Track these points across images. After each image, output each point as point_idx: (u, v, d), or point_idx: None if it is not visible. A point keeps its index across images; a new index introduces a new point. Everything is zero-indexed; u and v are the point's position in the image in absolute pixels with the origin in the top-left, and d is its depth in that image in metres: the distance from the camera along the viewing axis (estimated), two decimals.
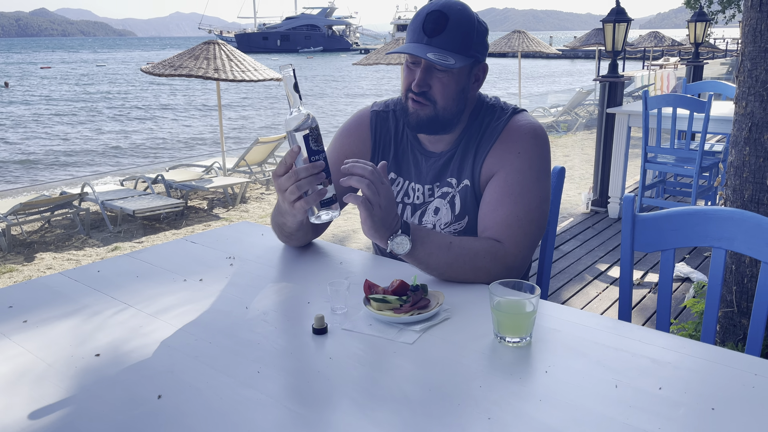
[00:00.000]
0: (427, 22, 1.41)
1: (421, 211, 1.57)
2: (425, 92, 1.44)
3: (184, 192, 7.31)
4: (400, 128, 1.61)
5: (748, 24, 2.05)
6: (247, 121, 17.72)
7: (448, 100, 1.45)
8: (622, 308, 1.57)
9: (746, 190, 2.11)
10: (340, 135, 1.65)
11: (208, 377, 1.01)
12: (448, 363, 1.06)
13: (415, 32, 1.44)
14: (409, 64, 1.47)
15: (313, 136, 1.23)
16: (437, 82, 1.44)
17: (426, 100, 1.45)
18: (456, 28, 1.41)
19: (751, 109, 2.06)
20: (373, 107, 1.66)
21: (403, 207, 1.58)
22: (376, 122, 1.63)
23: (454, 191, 1.53)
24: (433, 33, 1.41)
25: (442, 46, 1.41)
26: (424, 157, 1.57)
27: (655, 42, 15.35)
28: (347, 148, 1.63)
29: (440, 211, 1.54)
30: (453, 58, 1.40)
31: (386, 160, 1.60)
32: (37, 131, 15.99)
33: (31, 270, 5.30)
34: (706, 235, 1.46)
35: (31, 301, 1.30)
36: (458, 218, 1.53)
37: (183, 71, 6.70)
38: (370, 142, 1.62)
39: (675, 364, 1.05)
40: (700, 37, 6.37)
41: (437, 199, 1.55)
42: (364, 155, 1.62)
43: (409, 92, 1.46)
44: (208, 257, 1.56)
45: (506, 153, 1.47)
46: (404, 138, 1.60)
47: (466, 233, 1.51)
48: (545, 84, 29.52)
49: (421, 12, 1.44)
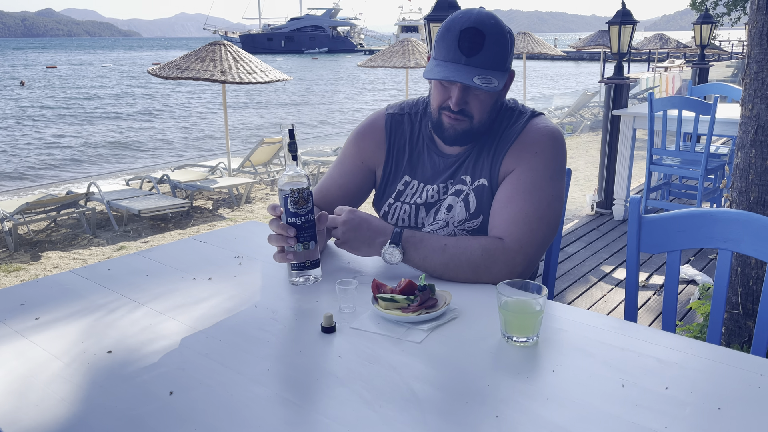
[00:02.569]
0: (463, 40, 1.37)
1: (435, 209, 1.56)
2: (463, 110, 1.44)
3: (190, 192, 7.34)
4: (416, 131, 1.61)
5: (754, 27, 2.05)
6: (253, 121, 17.76)
7: (484, 114, 1.46)
8: (628, 309, 1.58)
9: (752, 192, 2.11)
10: (355, 138, 1.66)
11: (219, 374, 1.03)
12: (455, 361, 1.07)
13: (450, 50, 1.39)
14: (442, 81, 1.44)
15: (293, 199, 1.24)
16: (475, 99, 1.44)
17: (464, 117, 1.45)
18: (493, 46, 1.39)
19: (757, 112, 2.07)
20: (387, 110, 1.65)
21: (417, 207, 1.58)
22: (391, 125, 1.62)
23: (468, 189, 1.53)
24: (471, 53, 1.37)
25: (481, 65, 1.38)
26: (441, 158, 1.57)
27: (660, 44, 15.33)
28: (363, 151, 1.63)
29: (453, 208, 1.53)
30: (495, 78, 1.39)
31: (400, 164, 1.61)
32: (42, 131, 16.05)
33: (37, 269, 5.33)
34: (713, 237, 1.46)
35: (42, 298, 1.32)
36: (473, 216, 1.52)
37: (190, 74, 6.72)
38: (385, 145, 1.61)
39: (681, 364, 1.05)
40: (706, 40, 6.36)
41: (450, 196, 1.55)
42: (378, 158, 1.62)
43: (445, 109, 1.45)
44: (217, 256, 1.57)
45: (523, 153, 1.47)
46: (420, 141, 1.60)
47: (480, 232, 1.51)
48: (550, 86, 29.50)
49: (453, 28, 1.39)
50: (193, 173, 7.86)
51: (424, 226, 1.57)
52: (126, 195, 6.81)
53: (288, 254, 1.31)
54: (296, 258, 1.28)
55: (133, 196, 6.77)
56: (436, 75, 1.39)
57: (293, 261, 1.31)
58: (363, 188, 1.64)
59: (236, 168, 7.97)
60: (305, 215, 1.24)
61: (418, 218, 1.58)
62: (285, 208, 1.25)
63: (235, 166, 8.06)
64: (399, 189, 1.60)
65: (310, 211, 1.25)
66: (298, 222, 1.24)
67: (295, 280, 1.32)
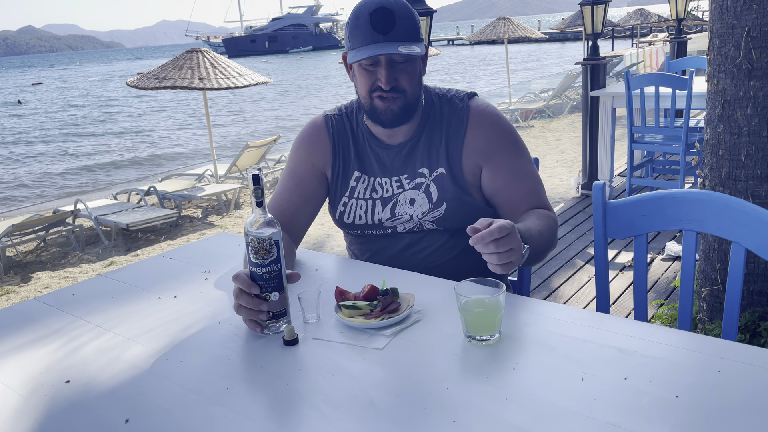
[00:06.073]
0: (375, 21, 1.43)
1: (392, 203, 1.58)
2: (395, 86, 1.48)
3: (178, 202, 7.32)
4: (355, 128, 1.64)
5: (714, 1, 2.04)
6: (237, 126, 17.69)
7: (414, 86, 1.51)
8: (600, 299, 1.57)
9: (723, 167, 2.11)
10: (300, 143, 1.66)
11: (177, 397, 1.02)
12: (417, 366, 1.07)
13: (366, 34, 1.44)
14: (366, 67, 1.48)
15: (253, 249, 1.17)
16: (402, 73, 1.48)
17: (397, 93, 1.48)
18: (404, 20, 1.45)
19: (723, 87, 2.06)
20: (325, 113, 1.69)
21: (373, 202, 1.60)
22: (332, 126, 1.65)
23: (427, 180, 1.57)
24: (386, 30, 1.43)
25: (399, 38, 1.44)
26: (384, 150, 1.61)
27: (642, 19, 15.31)
28: (311, 154, 1.64)
29: (416, 201, 1.57)
30: (416, 47, 1.45)
31: (348, 161, 1.63)
32: (28, 150, 15.98)
33: (28, 290, 5.30)
34: (677, 219, 1.46)
35: (3, 329, 1.31)
36: (436, 206, 1.56)
37: (168, 83, 6.68)
38: (330, 145, 1.64)
39: (642, 353, 1.05)
40: (682, 13, 6.35)
41: (410, 190, 1.58)
42: (326, 158, 1.64)
43: (376, 92, 1.49)
44: (184, 273, 1.56)
45: (490, 139, 1.55)
46: (360, 136, 1.64)
47: (445, 219, 1.56)
48: (536, 69, 29.45)
49: (362, 14, 1.45)
50: (180, 183, 7.82)
51: (382, 222, 1.58)
52: (114, 209, 6.78)
53: (240, 309, 1.20)
54: (267, 309, 1.21)
55: (121, 210, 6.74)
56: (363, 55, 1.42)
57: (254, 318, 1.21)
58: (318, 191, 1.64)
59: (223, 174, 7.94)
60: (267, 266, 1.19)
61: (375, 213, 1.59)
62: (247, 255, 1.21)
63: (222, 172, 8.03)
64: (351, 186, 1.62)
65: (273, 261, 1.19)
66: (259, 272, 1.19)
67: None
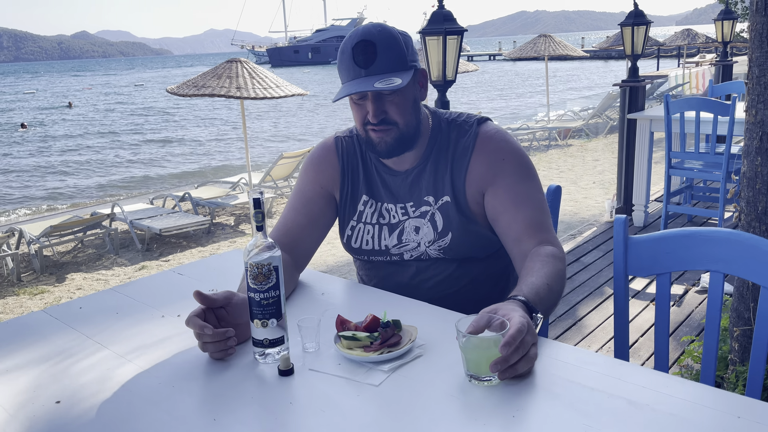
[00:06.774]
0: (357, 55, 1.41)
1: (399, 230, 1.55)
2: (384, 118, 1.44)
3: (211, 209, 7.41)
4: (365, 151, 1.62)
5: (754, 29, 1.95)
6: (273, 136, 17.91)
7: (406, 115, 1.47)
8: (618, 341, 1.49)
9: (760, 202, 2.00)
10: (310, 164, 1.65)
11: (164, 426, 0.99)
12: (412, 407, 1.02)
13: (350, 69, 1.42)
14: (356, 101, 1.46)
15: (252, 274, 1.15)
16: (390, 104, 1.44)
17: (387, 125, 1.45)
18: (386, 51, 1.41)
19: (761, 118, 1.96)
20: (336, 134, 1.67)
21: (380, 228, 1.57)
22: (342, 148, 1.63)
23: (432, 209, 1.53)
24: (367, 63, 1.40)
25: (380, 71, 1.41)
26: (391, 177, 1.58)
27: (688, 40, 14.95)
28: (320, 175, 1.62)
29: (421, 230, 1.54)
30: (398, 78, 1.40)
31: (356, 184, 1.60)
32: (75, 154, 16.48)
33: (61, 291, 5.43)
34: (702, 258, 1.38)
35: (5, 343, 1.31)
36: (441, 235, 1.52)
37: (206, 91, 6.78)
38: (339, 167, 1.62)
39: (653, 406, 0.98)
40: (728, 36, 6.16)
41: (415, 218, 1.54)
42: (335, 180, 1.62)
43: (367, 125, 1.46)
44: (191, 290, 1.55)
45: (492, 164, 1.48)
46: (369, 160, 1.61)
47: (451, 248, 1.52)
48: (579, 88, 29.05)
49: (345, 49, 1.43)
50: (214, 190, 7.93)
51: (389, 248, 1.55)
52: (149, 214, 6.90)
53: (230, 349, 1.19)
54: (254, 334, 1.20)
55: (156, 215, 6.86)
56: (341, 94, 1.42)
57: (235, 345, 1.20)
58: (326, 213, 1.61)
59: (257, 183, 8.02)
60: (265, 291, 1.17)
61: (381, 239, 1.56)
62: (246, 280, 1.18)
63: (255, 181, 8.11)
64: (359, 210, 1.59)
65: (272, 287, 1.17)
66: (257, 298, 1.17)
67: (254, 357, 1.21)
